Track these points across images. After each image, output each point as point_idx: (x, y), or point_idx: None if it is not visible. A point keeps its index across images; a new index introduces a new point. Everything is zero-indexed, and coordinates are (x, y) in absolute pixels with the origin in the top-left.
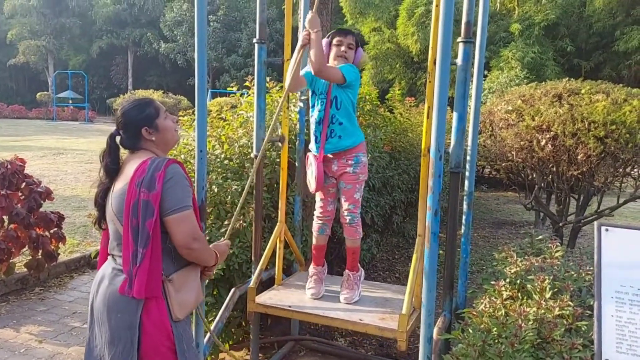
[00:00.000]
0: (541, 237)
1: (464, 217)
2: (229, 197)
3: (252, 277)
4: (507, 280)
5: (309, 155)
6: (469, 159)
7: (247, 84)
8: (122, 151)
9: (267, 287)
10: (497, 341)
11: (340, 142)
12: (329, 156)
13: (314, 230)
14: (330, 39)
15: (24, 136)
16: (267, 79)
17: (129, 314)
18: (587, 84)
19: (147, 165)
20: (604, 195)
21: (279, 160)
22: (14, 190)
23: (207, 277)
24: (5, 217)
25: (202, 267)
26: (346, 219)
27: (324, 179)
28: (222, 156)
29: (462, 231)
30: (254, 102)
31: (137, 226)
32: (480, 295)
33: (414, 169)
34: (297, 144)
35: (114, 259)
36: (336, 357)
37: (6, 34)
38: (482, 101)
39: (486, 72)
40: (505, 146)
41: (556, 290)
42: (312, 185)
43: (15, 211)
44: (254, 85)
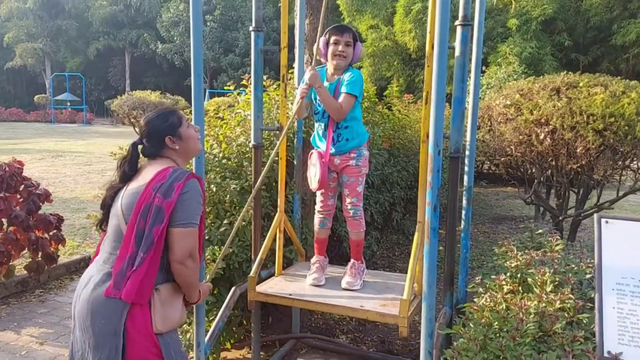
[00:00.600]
0: (541, 231)
1: (463, 212)
2: (228, 196)
3: (252, 266)
4: (508, 274)
5: (314, 152)
6: (467, 154)
7: (244, 82)
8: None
9: None
10: (498, 335)
11: (347, 145)
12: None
13: (315, 224)
14: (327, 38)
15: (23, 139)
16: (264, 77)
17: (113, 320)
18: (585, 77)
19: (169, 172)
20: (603, 188)
21: (277, 159)
22: (12, 192)
23: (187, 309)
24: (4, 220)
25: (184, 300)
26: (349, 212)
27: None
28: (220, 155)
29: (461, 226)
30: (251, 92)
31: (143, 229)
32: (481, 288)
33: (413, 166)
34: (295, 141)
35: (105, 261)
36: (338, 354)
37: (3, 37)
38: (480, 97)
39: (484, 68)
40: (504, 141)
41: (557, 283)
42: (313, 184)
43: (14, 214)
44: (251, 74)
